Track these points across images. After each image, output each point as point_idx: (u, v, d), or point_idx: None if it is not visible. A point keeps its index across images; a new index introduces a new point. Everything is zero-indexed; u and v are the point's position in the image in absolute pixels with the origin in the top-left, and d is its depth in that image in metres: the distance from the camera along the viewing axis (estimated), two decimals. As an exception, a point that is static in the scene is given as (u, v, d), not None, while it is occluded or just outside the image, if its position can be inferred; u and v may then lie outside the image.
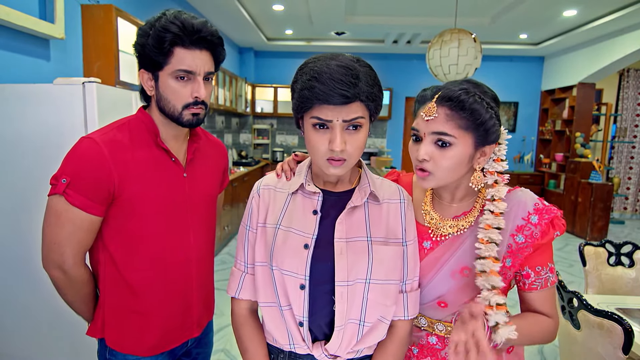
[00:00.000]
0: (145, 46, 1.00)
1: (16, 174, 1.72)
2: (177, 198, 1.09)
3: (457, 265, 0.97)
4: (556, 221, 0.93)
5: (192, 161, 1.15)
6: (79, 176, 0.97)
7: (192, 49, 1.00)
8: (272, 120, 7.46)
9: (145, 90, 1.09)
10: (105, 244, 1.05)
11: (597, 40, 5.62)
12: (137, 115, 1.10)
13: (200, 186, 1.16)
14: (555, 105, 6.85)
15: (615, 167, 6.94)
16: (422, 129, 0.93)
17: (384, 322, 0.93)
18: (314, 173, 0.97)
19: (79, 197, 0.97)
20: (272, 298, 0.92)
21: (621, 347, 1.32)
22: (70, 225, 0.98)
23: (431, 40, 3.66)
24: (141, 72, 1.06)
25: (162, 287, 1.08)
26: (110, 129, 1.05)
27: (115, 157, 1.00)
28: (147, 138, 1.07)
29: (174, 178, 1.10)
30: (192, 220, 1.13)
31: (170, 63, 1.00)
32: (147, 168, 1.05)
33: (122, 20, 2.58)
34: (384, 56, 7.17)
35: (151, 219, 1.05)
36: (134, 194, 1.02)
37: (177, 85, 1.02)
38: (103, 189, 0.98)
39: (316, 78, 0.80)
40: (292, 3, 4.73)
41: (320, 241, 0.90)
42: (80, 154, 0.99)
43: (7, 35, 1.98)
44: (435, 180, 0.94)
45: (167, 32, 0.97)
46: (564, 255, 4.91)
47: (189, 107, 1.04)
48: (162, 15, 1.01)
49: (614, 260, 2.10)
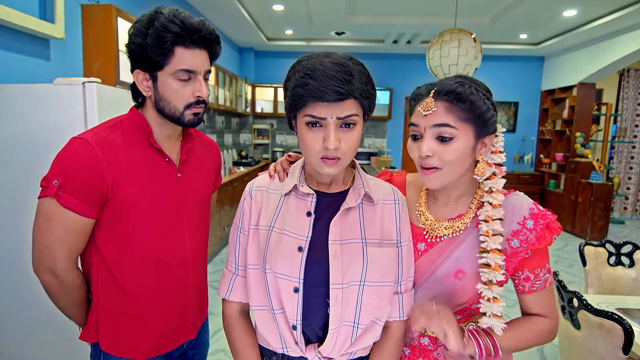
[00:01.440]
0: (143, 46, 0.97)
1: (16, 173, 1.72)
2: (171, 199, 1.08)
3: (452, 268, 0.96)
4: (552, 225, 0.93)
5: (185, 161, 1.13)
6: (71, 178, 0.94)
7: (193, 48, 0.99)
8: (272, 120, 7.46)
9: (136, 90, 1.06)
10: (97, 247, 1.03)
11: (597, 40, 5.62)
12: (130, 115, 1.08)
13: (195, 186, 1.15)
14: (556, 105, 6.85)
15: (616, 167, 6.94)
16: (422, 124, 0.92)
17: (378, 323, 0.92)
18: (307, 174, 0.96)
19: (72, 199, 0.94)
20: (264, 301, 0.91)
21: (621, 347, 1.32)
22: (62, 228, 0.95)
23: (431, 40, 3.66)
24: (136, 72, 1.03)
25: (158, 290, 1.07)
26: (103, 128, 1.02)
27: (108, 158, 0.97)
28: (140, 138, 1.05)
29: (168, 178, 1.08)
30: (187, 221, 1.11)
31: (171, 63, 0.98)
32: (141, 169, 1.03)
33: (122, 20, 2.58)
34: (384, 56, 7.17)
35: (145, 221, 1.03)
36: (128, 196, 1.00)
37: (179, 85, 1.00)
38: (96, 190, 0.96)
39: (310, 75, 0.79)
40: (292, 3, 4.72)
41: (315, 243, 0.89)
42: (72, 155, 0.96)
43: (8, 35, 1.98)
44: (442, 176, 0.93)
45: (168, 31, 0.95)
46: (564, 255, 4.91)
47: (190, 107, 1.03)
48: (158, 13, 0.98)
49: (614, 260, 2.10)
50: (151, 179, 1.04)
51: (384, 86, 7.11)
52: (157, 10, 0.99)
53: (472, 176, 0.97)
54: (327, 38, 6.42)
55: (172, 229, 1.08)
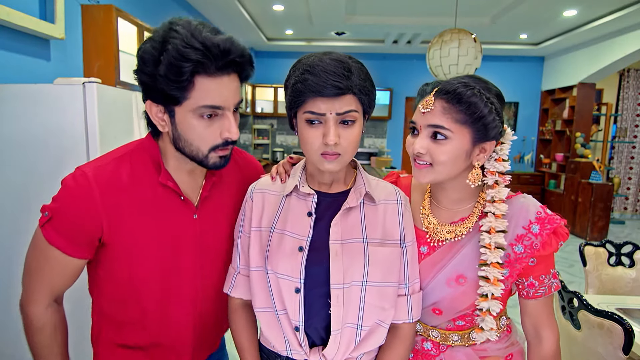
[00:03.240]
0: (155, 78, 0.78)
1: (17, 174, 1.72)
2: (182, 244, 0.93)
3: (453, 273, 0.95)
4: (560, 230, 0.91)
5: (207, 199, 0.96)
6: (60, 214, 0.84)
7: (219, 77, 0.80)
8: (272, 121, 7.46)
9: (151, 120, 0.88)
10: (98, 285, 0.94)
11: (598, 40, 5.61)
12: (144, 144, 0.93)
13: (216, 228, 0.98)
14: (556, 105, 6.85)
15: (616, 167, 6.94)
16: (419, 121, 0.92)
17: (383, 326, 0.91)
18: (308, 174, 0.96)
19: (57, 237, 0.84)
20: (268, 303, 0.91)
21: (621, 347, 1.32)
22: (44, 260, 0.87)
23: (431, 40, 3.66)
24: (148, 103, 0.84)
25: (158, 325, 0.96)
26: (110, 160, 0.89)
27: (107, 200, 0.84)
28: (152, 173, 0.90)
29: (182, 220, 0.92)
30: (200, 267, 0.97)
31: (190, 98, 0.79)
32: (148, 211, 0.89)
33: (122, 20, 2.57)
34: (384, 56, 7.16)
35: (148, 269, 0.90)
36: (129, 241, 0.87)
37: (202, 124, 0.82)
38: (85, 233, 0.85)
39: (309, 71, 0.80)
40: (292, 3, 4.72)
41: (315, 243, 0.89)
42: (68, 190, 0.85)
43: (8, 35, 1.98)
44: (434, 173, 0.92)
45: (186, 60, 0.75)
46: (564, 256, 4.91)
47: (216, 150, 0.86)
48: (172, 31, 0.77)
49: (615, 261, 2.10)
50: (160, 222, 0.90)
51: (384, 86, 7.11)
52: (172, 27, 0.78)
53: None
54: (327, 38, 6.42)
55: (180, 277, 0.94)
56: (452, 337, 0.99)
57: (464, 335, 0.99)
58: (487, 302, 0.90)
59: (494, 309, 0.90)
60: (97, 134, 1.70)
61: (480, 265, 0.91)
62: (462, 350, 0.99)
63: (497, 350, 0.99)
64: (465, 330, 0.99)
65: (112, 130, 1.81)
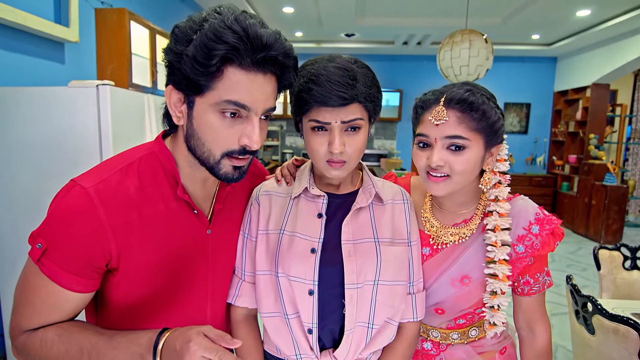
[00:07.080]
0: (182, 57, 0.68)
1: (31, 176, 1.75)
2: (194, 263, 0.84)
3: (457, 273, 0.96)
4: (557, 231, 0.94)
5: (221, 211, 0.88)
6: (58, 244, 0.70)
7: (253, 72, 0.69)
8: (281, 122, 7.49)
9: (170, 113, 0.77)
10: (94, 312, 0.85)
11: (612, 41, 5.53)
12: (153, 149, 0.81)
13: (228, 244, 0.92)
14: (569, 106, 6.75)
15: (630, 169, 6.82)
16: (433, 134, 0.90)
17: (392, 323, 0.92)
18: (316, 176, 0.96)
19: (58, 270, 0.70)
20: (276, 307, 0.90)
21: (637, 353, 1.30)
22: (37, 298, 0.72)
23: (442, 41, 3.64)
24: (169, 88, 0.74)
25: None
26: (113, 171, 0.75)
27: (115, 220, 0.72)
28: (164, 184, 0.79)
29: (194, 237, 0.83)
30: (212, 288, 0.89)
31: (215, 88, 0.69)
32: (159, 229, 0.78)
33: (134, 23, 2.61)
34: (394, 57, 7.14)
35: (155, 292, 0.80)
36: (138, 265, 0.76)
37: (221, 122, 0.71)
38: (94, 262, 0.72)
39: (313, 80, 0.80)
40: (302, 5, 4.74)
41: (327, 244, 0.89)
42: (65, 212, 0.70)
43: (24, 38, 2.02)
44: (452, 184, 0.92)
45: (220, 42, 0.65)
46: (577, 259, 4.84)
47: (231, 157, 0.74)
48: (215, 12, 0.69)
49: (630, 265, 2.06)
50: (171, 241, 0.80)
51: (394, 87, 7.09)
52: (216, 9, 0.70)
53: (477, 185, 0.98)
54: (336, 40, 6.43)
55: (191, 296, 0.86)
56: (452, 335, 1.01)
57: (464, 333, 1.01)
58: (497, 299, 0.92)
59: (504, 304, 0.92)
60: (110, 136, 1.73)
61: (488, 263, 0.93)
62: (461, 347, 1.01)
63: (493, 345, 1.02)
64: (464, 327, 1.01)
65: (125, 132, 1.83)
